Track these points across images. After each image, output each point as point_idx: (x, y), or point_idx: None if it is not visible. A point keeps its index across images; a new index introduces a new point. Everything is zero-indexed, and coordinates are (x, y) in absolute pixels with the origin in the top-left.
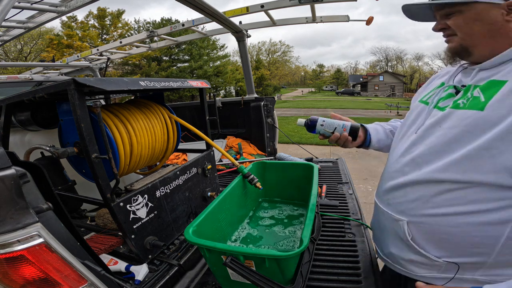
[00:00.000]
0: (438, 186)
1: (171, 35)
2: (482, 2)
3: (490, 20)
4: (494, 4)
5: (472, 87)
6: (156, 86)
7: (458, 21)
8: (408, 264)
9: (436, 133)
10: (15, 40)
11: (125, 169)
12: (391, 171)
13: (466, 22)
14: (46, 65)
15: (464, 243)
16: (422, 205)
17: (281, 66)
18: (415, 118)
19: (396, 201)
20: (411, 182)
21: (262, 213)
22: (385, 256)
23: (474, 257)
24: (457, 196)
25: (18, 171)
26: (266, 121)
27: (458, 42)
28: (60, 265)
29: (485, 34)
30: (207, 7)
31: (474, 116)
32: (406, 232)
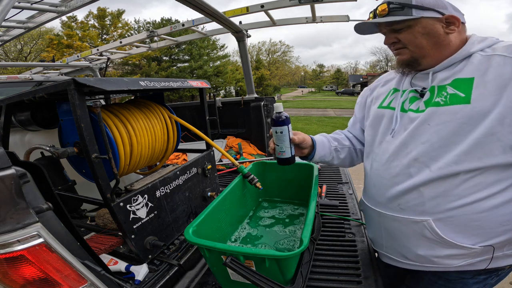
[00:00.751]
0: (454, 178)
1: (171, 35)
2: (427, 17)
3: (435, 33)
4: (436, 19)
5: (437, 87)
6: (156, 86)
7: (408, 35)
8: (443, 260)
9: (428, 131)
10: (15, 40)
11: (125, 169)
12: (389, 177)
13: (415, 36)
14: (46, 65)
15: (493, 225)
16: (445, 200)
17: (281, 66)
18: (387, 124)
19: (412, 204)
20: (425, 182)
21: (262, 213)
22: (410, 260)
23: (504, 235)
24: (475, 183)
25: (18, 171)
26: (266, 121)
27: (409, 55)
28: (60, 265)
29: (432, 46)
30: (207, 7)
31: (464, 109)
32: (436, 230)
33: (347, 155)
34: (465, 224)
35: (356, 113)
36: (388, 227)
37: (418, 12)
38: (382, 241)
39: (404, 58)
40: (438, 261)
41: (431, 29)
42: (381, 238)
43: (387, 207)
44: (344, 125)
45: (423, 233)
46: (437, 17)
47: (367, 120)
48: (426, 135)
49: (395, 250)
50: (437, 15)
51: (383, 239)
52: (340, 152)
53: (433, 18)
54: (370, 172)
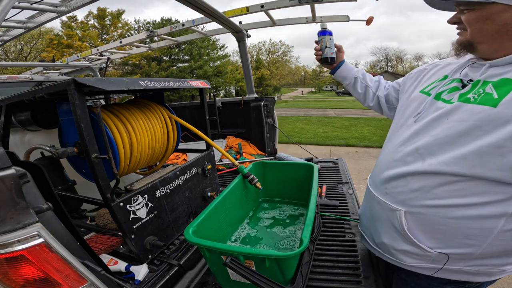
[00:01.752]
0: (440, 178)
1: (171, 35)
2: (501, 3)
3: (502, 21)
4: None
5: (482, 82)
6: (156, 86)
7: (470, 17)
8: (399, 254)
9: (443, 125)
10: (15, 40)
11: (125, 169)
12: (391, 160)
13: (477, 19)
14: (46, 65)
15: (459, 234)
16: (422, 196)
17: (281, 66)
18: (415, 108)
19: (396, 191)
20: (414, 172)
21: (262, 213)
22: (376, 246)
23: (465, 248)
24: (458, 188)
25: (18, 171)
26: (266, 121)
27: (466, 37)
28: (60, 265)
29: (493, 34)
30: (207, 7)
31: (486, 111)
32: (402, 223)
33: (362, 91)
34: (431, 225)
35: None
36: (372, 208)
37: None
38: (364, 220)
39: (461, 40)
40: (395, 254)
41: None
42: (365, 217)
43: (377, 189)
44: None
45: (392, 222)
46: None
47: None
48: (439, 129)
49: (370, 232)
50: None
51: (365, 218)
52: (358, 84)
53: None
54: (381, 152)
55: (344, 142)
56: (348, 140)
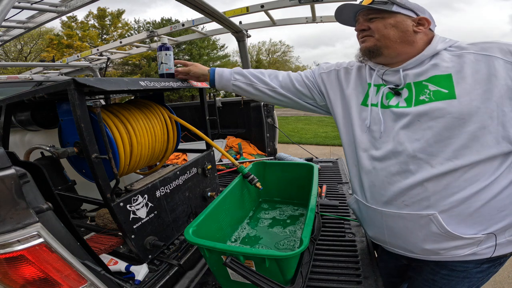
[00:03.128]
0: (455, 172)
1: (171, 35)
2: (401, 13)
3: (404, 28)
4: (409, 17)
5: (414, 84)
6: (156, 86)
7: (378, 24)
8: (449, 251)
9: (420, 128)
10: (15, 40)
11: (125, 169)
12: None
13: (385, 26)
14: (46, 65)
15: (493, 212)
16: (447, 193)
17: (281, 66)
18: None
19: (417, 199)
20: (429, 177)
21: (262, 213)
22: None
23: (503, 220)
24: (474, 175)
25: (18, 171)
26: (266, 121)
27: (373, 43)
28: (60, 265)
29: (397, 39)
30: (207, 7)
31: (451, 104)
32: (442, 223)
33: (256, 92)
34: (467, 215)
35: (310, 76)
36: (392, 225)
37: (398, 9)
38: (385, 238)
39: (368, 45)
40: (444, 253)
41: (401, 23)
42: (383, 236)
43: (390, 205)
44: None
45: (429, 227)
46: (411, 16)
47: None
48: (419, 131)
49: (400, 247)
50: (413, 14)
51: (385, 237)
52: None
53: (407, 16)
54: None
55: None
56: None
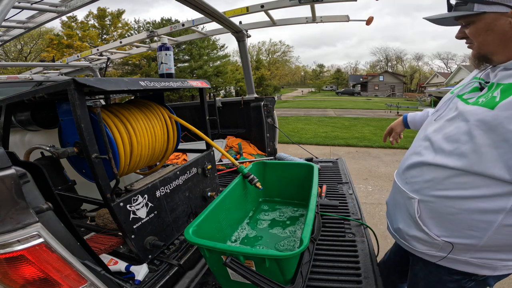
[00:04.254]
0: (449, 171)
1: (171, 35)
2: (489, 12)
3: (499, 29)
4: (501, 14)
5: (495, 85)
6: (156, 86)
7: (472, 30)
8: (411, 240)
9: (454, 125)
10: (15, 40)
11: (125, 169)
12: (412, 153)
13: (478, 32)
14: (46, 65)
15: (463, 224)
16: (434, 187)
17: (281, 66)
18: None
19: (413, 181)
20: (426, 163)
21: (262, 213)
22: (393, 231)
23: (468, 239)
24: (463, 181)
25: (18, 171)
26: (266, 121)
27: (476, 50)
28: (60, 265)
29: (498, 43)
30: (207, 7)
31: (484, 113)
32: (416, 210)
33: None
34: (440, 214)
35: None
36: (395, 195)
37: (480, 7)
38: (389, 207)
39: (473, 53)
40: (408, 240)
41: (494, 25)
42: (390, 204)
43: (400, 178)
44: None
45: (408, 210)
46: (503, 11)
47: None
48: (452, 127)
49: (391, 217)
50: (504, 9)
51: (390, 206)
52: None
53: (498, 13)
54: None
55: (344, 142)
56: (348, 140)
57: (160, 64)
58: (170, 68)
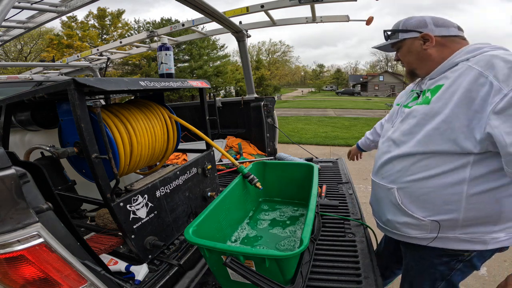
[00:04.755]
0: (412, 158)
1: (171, 35)
2: (407, 38)
3: (415, 50)
4: (414, 38)
5: (426, 90)
6: (156, 86)
7: (401, 54)
8: (402, 227)
9: (406, 122)
10: (15, 40)
11: (125, 169)
12: (380, 154)
13: (404, 55)
14: (46, 65)
15: (438, 201)
16: (404, 173)
17: (281, 66)
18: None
19: (388, 174)
20: (395, 157)
21: (262, 213)
22: (383, 224)
23: (448, 214)
24: (425, 164)
25: (18, 171)
26: (266, 121)
27: (407, 68)
28: (60, 265)
29: (416, 61)
30: (207, 7)
31: (424, 108)
32: (397, 197)
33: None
34: (416, 196)
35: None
36: (376, 193)
37: (402, 35)
38: (374, 206)
39: (406, 70)
40: (399, 228)
41: (411, 47)
42: (373, 203)
43: (376, 176)
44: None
45: (391, 200)
46: (415, 36)
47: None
48: (405, 125)
49: (378, 214)
50: (415, 34)
51: (374, 204)
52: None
53: (413, 38)
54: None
55: (344, 142)
56: (348, 140)
57: (160, 64)
58: (170, 68)
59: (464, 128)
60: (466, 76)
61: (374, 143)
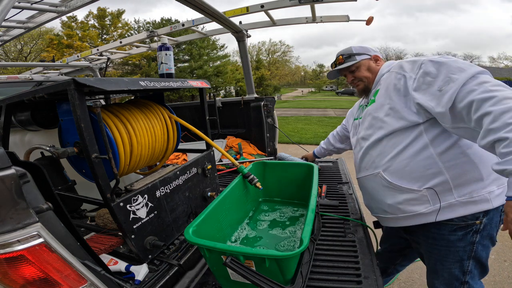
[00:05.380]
0: (381, 142)
1: (171, 35)
2: (363, 59)
3: (371, 67)
4: (369, 58)
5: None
6: (156, 86)
7: (360, 73)
8: (406, 206)
9: (366, 121)
10: (15, 40)
11: (125, 169)
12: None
13: (363, 72)
14: (46, 65)
15: (420, 168)
16: (381, 156)
17: (281, 66)
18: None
19: (369, 164)
20: (368, 147)
21: (262, 213)
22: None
23: (435, 178)
24: (393, 142)
25: (18, 171)
26: (266, 121)
27: (363, 84)
28: (60, 265)
29: (370, 75)
30: (207, 7)
31: (373, 106)
32: (386, 178)
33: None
34: (399, 171)
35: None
36: (366, 187)
37: (359, 57)
38: (369, 203)
39: (361, 87)
40: (403, 209)
41: (369, 65)
42: (368, 201)
43: (360, 172)
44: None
45: (382, 183)
46: (368, 57)
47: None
48: (365, 123)
49: (377, 207)
50: (368, 56)
51: (369, 201)
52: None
53: (367, 58)
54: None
55: None
56: None
57: (160, 64)
58: (170, 68)
59: (404, 107)
60: (391, 77)
61: (327, 151)
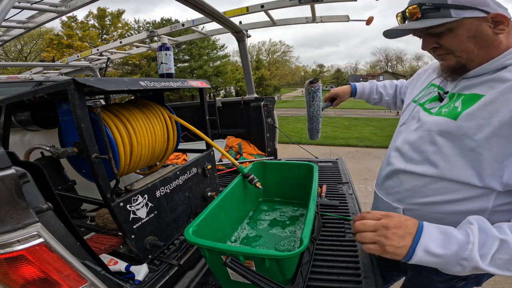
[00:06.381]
0: (423, 178)
1: (171, 35)
2: (469, 17)
3: (482, 34)
4: (479, 18)
5: (456, 95)
6: (156, 86)
7: (452, 40)
8: None
9: (418, 134)
10: (15, 40)
11: (125, 169)
12: (385, 164)
13: (461, 40)
14: (46, 65)
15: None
16: (414, 194)
17: (281, 66)
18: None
19: (394, 190)
20: (401, 171)
21: (262, 213)
22: None
23: None
24: (440, 187)
25: (18, 171)
26: (266, 121)
27: (455, 60)
28: (60, 265)
29: (480, 49)
30: (207, 7)
31: (447, 124)
32: None
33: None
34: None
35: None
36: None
37: (458, 13)
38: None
39: (450, 64)
40: None
41: (477, 30)
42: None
43: (380, 189)
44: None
45: None
46: (481, 16)
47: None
48: (416, 137)
49: None
50: (481, 14)
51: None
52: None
53: (477, 18)
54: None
55: (344, 142)
56: (348, 140)
57: (160, 64)
58: (170, 68)
59: (494, 164)
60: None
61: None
